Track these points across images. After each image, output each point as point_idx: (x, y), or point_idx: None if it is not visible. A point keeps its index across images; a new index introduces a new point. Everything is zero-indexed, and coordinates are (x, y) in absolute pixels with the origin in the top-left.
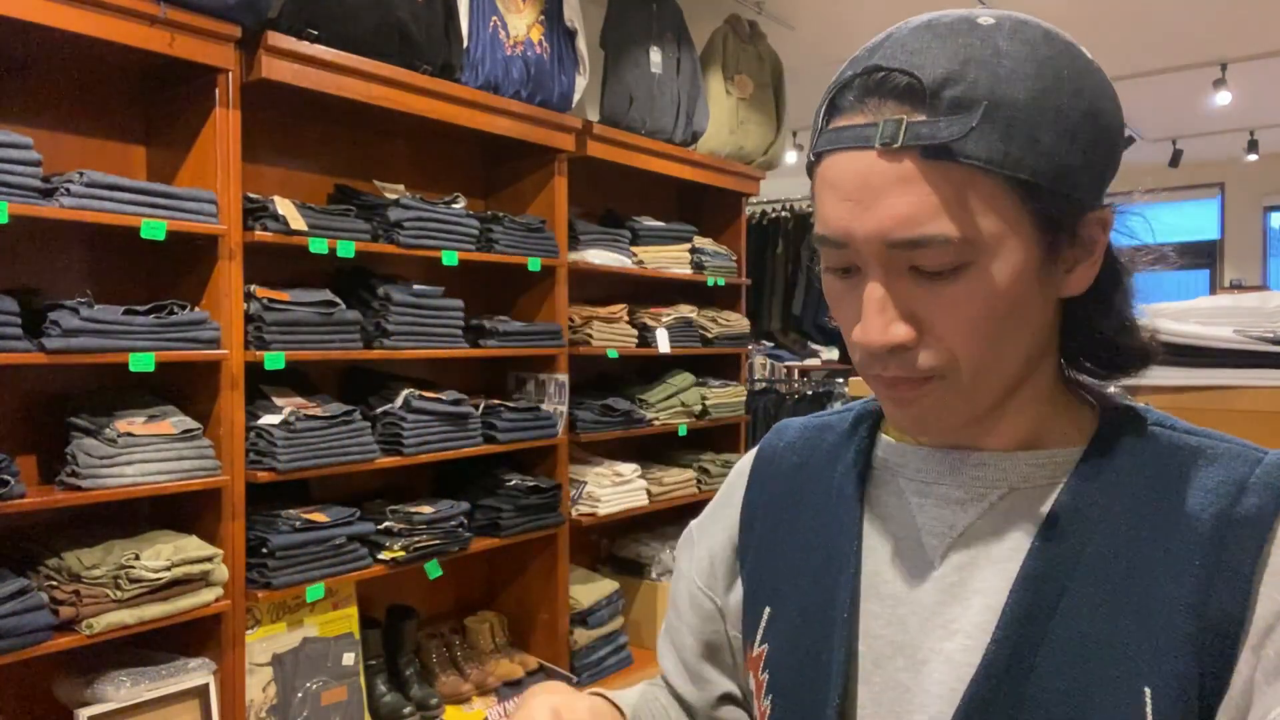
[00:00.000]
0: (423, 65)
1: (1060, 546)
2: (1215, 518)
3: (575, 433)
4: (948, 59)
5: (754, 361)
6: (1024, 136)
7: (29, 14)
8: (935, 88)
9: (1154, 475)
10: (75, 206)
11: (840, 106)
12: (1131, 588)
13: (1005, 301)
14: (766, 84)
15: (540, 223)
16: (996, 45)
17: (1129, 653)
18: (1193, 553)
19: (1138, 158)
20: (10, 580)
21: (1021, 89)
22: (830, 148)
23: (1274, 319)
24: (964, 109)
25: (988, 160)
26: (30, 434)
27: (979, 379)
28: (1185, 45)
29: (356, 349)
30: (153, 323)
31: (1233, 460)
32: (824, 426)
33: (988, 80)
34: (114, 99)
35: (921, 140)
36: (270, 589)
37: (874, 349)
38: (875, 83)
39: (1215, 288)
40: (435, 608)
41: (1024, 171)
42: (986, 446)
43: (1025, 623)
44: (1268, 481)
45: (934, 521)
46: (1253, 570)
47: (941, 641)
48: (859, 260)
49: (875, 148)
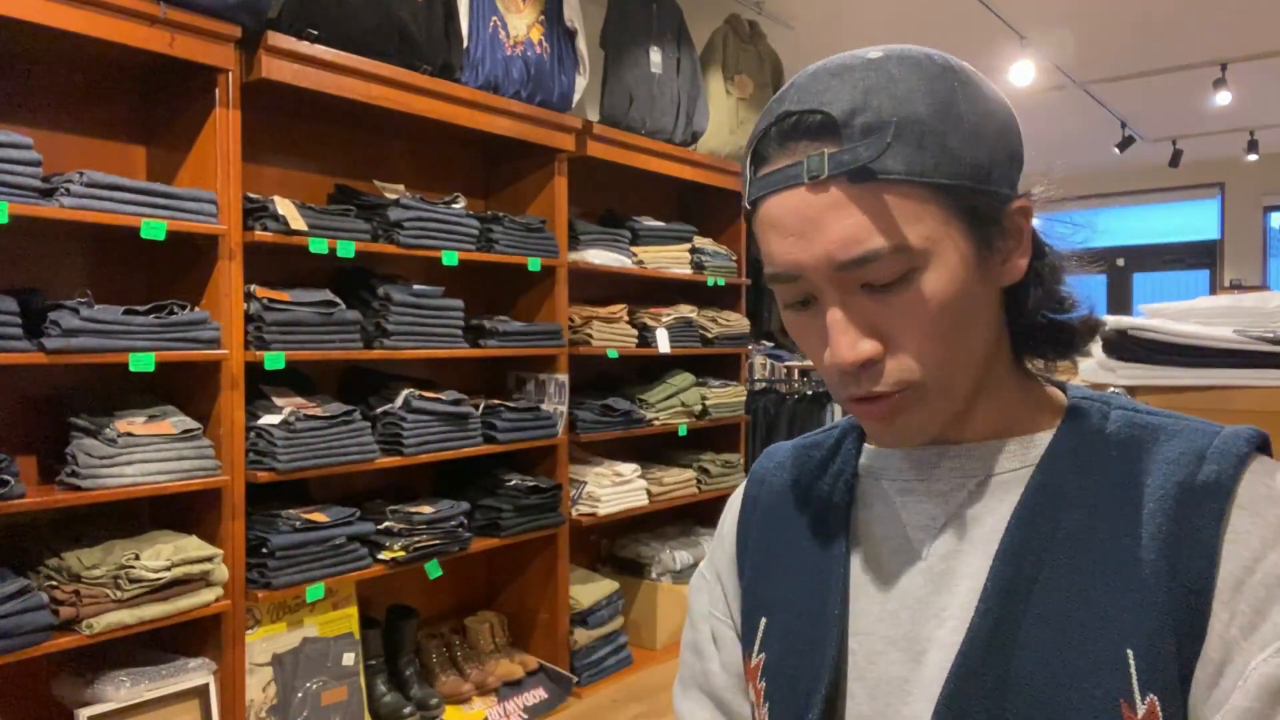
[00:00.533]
0: (423, 65)
1: (1036, 522)
2: (1178, 486)
3: (575, 433)
4: (849, 92)
5: (754, 361)
6: (935, 145)
7: (29, 14)
8: (845, 118)
9: (1120, 452)
10: (75, 206)
11: (764, 155)
12: (1106, 557)
13: (954, 300)
14: (766, 84)
15: (540, 223)
16: (889, 72)
17: (1109, 618)
18: (1160, 521)
19: (1138, 158)
20: (10, 580)
21: (921, 105)
22: (764, 193)
23: (1274, 319)
24: (875, 132)
25: (907, 172)
26: (30, 434)
27: (945, 379)
28: (1185, 45)
29: (356, 349)
30: (153, 323)
31: (1192, 434)
32: (812, 445)
33: (890, 103)
34: (114, 99)
35: (844, 167)
36: (270, 589)
37: (845, 367)
38: (790, 127)
39: (1215, 288)
40: (435, 608)
41: (941, 176)
42: (965, 438)
43: (1006, 597)
44: (1224, 450)
45: (918, 516)
46: (1216, 533)
47: (935, 630)
48: (813, 289)
49: (804, 183)
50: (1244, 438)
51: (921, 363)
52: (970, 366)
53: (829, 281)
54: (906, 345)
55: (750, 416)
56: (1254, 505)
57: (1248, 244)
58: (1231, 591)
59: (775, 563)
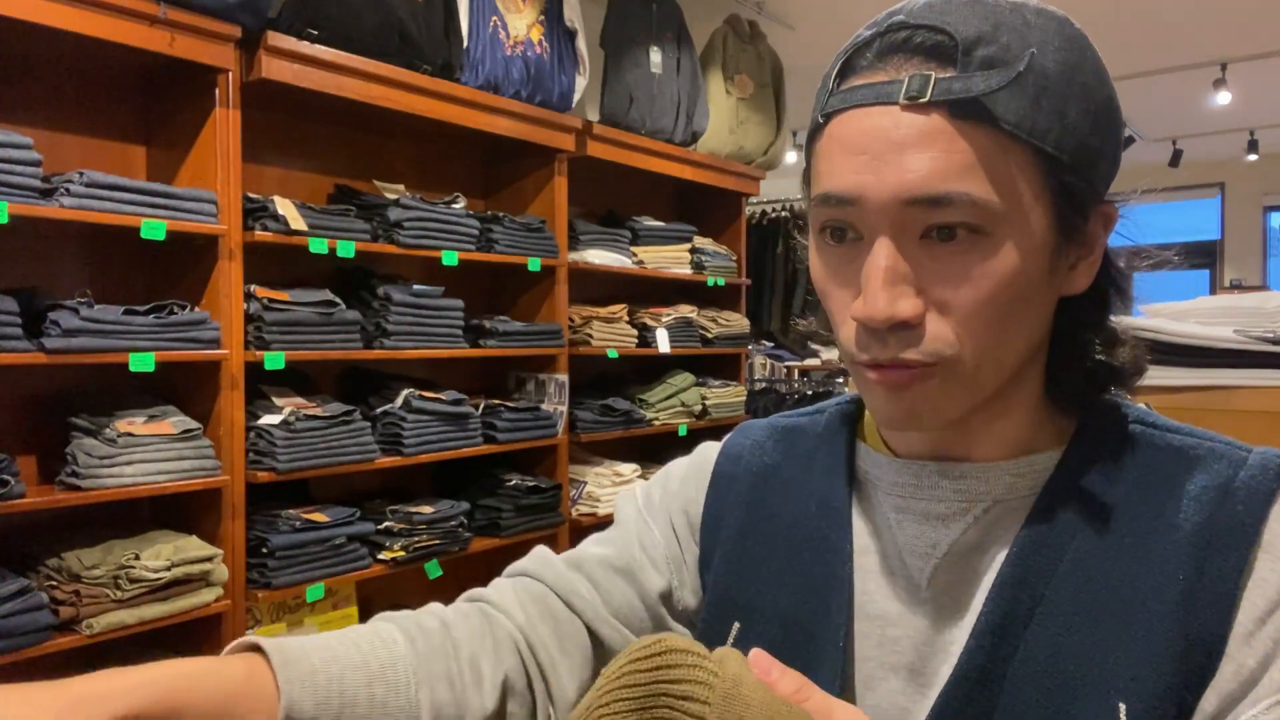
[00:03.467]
0: (423, 65)
1: (1037, 554)
2: (1199, 526)
3: (575, 433)
4: (979, 20)
5: (754, 361)
6: (1052, 108)
7: (29, 14)
8: (968, 45)
9: (1136, 480)
10: (75, 206)
11: (856, 67)
12: (1111, 597)
13: (1017, 283)
14: (766, 84)
15: (540, 223)
16: (1025, 16)
17: (1106, 665)
18: (1176, 564)
19: (1138, 158)
20: (10, 580)
21: (1052, 60)
22: (844, 106)
23: (1274, 319)
24: (996, 68)
25: (1016, 124)
26: (30, 434)
27: (981, 366)
28: (1185, 45)
29: (356, 349)
30: (153, 323)
31: (1216, 462)
32: (794, 429)
33: (1020, 45)
34: (114, 99)
35: (953, 95)
36: (270, 589)
37: (877, 322)
38: (899, 40)
39: (1215, 288)
40: None
41: (1049, 144)
42: (971, 457)
43: (999, 632)
44: (1252, 487)
45: (915, 540)
46: (1238, 580)
47: (941, 664)
48: (863, 225)
49: (900, 102)
50: (1273, 470)
51: (961, 341)
52: (1006, 364)
53: (889, 218)
54: (953, 315)
55: (750, 416)
56: (1277, 548)
57: (1248, 244)
58: (1241, 643)
59: (753, 564)
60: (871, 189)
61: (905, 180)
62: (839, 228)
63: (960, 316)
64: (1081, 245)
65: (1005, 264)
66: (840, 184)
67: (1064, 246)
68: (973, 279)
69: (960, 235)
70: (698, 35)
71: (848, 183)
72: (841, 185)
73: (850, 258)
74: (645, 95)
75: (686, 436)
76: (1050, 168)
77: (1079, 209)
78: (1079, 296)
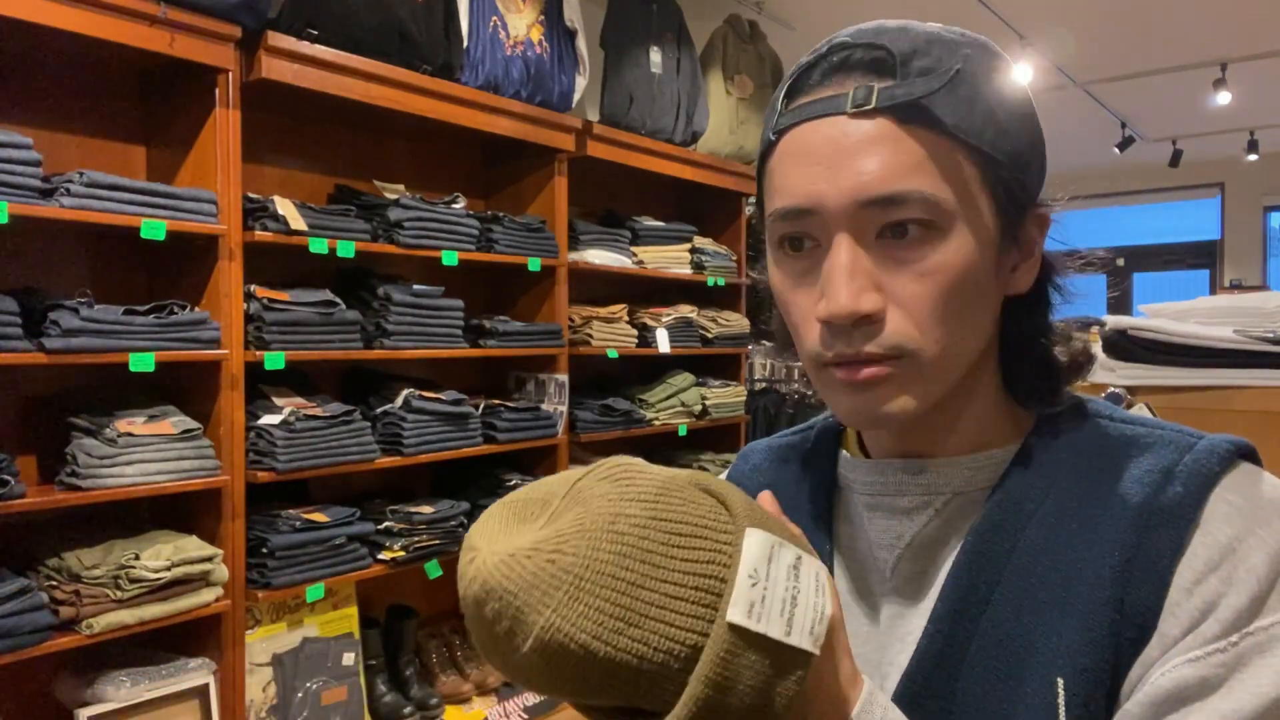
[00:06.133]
0: (423, 65)
1: (993, 542)
2: (1139, 506)
3: (575, 433)
4: (911, 39)
5: (754, 361)
6: (985, 111)
7: (29, 14)
8: (904, 58)
9: (1088, 467)
10: (75, 206)
11: (803, 87)
12: (1055, 580)
13: (969, 276)
14: (766, 84)
15: (540, 223)
16: (952, 39)
17: (1049, 643)
18: (1117, 544)
19: (1138, 158)
20: (10, 580)
21: (980, 69)
22: (795, 121)
23: (1274, 319)
24: (932, 74)
25: (956, 125)
26: (30, 434)
27: (941, 358)
28: (1185, 45)
29: (356, 349)
30: (153, 323)
31: (1164, 448)
32: (788, 448)
33: (950, 57)
34: (114, 99)
35: (895, 99)
36: (270, 589)
37: (842, 318)
38: (842, 59)
39: (1215, 288)
40: (435, 608)
41: (986, 144)
42: (934, 453)
43: (956, 619)
44: (1194, 469)
45: (882, 534)
46: (1173, 558)
47: (898, 654)
48: (821, 232)
49: (847, 111)
50: (1218, 454)
51: (919, 335)
52: (964, 356)
53: (847, 220)
54: (912, 308)
55: (750, 416)
56: (1210, 525)
57: (1248, 244)
58: (1169, 614)
59: None
60: (829, 196)
61: (860, 182)
62: (797, 238)
63: (919, 309)
64: (1021, 247)
65: (959, 257)
66: (800, 194)
67: (1008, 249)
68: (929, 273)
69: (913, 232)
70: (698, 35)
71: (806, 192)
72: (801, 196)
73: (811, 263)
74: (645, 95)
75: (686, 436)
76: (989, 167)
77: (1018, 209)
78: (1023, 297)
